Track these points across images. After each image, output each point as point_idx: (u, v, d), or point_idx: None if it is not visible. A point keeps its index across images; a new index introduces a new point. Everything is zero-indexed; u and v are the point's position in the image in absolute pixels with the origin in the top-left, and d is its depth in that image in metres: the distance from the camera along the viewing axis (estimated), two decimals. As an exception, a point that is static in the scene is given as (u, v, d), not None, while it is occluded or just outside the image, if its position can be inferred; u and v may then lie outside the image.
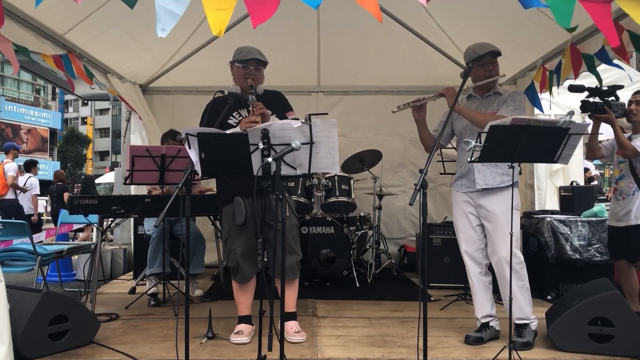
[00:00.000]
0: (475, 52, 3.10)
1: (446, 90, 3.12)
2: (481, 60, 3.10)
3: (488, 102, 3.22)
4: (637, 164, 3.52)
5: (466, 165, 3.18)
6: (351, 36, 5.15)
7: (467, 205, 3.21)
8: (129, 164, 3.83)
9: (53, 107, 43.84)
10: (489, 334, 3.16)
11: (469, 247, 3.21)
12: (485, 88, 3.23)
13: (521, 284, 3.05)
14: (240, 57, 3.21)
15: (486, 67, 3.13)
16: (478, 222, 3.19)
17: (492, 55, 3.10)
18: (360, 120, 6.14)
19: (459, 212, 3.26)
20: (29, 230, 3.86)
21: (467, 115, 3.10)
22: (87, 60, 4.43)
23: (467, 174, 3.21)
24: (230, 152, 2.57)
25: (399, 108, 3.18)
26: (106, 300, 4.33)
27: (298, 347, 3.03)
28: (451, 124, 3.36)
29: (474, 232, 3.20)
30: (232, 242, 3.15)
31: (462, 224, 3.24)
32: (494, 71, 3.15)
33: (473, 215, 3.20)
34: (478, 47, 3.11)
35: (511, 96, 3.17)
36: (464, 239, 3.23)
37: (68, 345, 2.90)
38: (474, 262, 3.21)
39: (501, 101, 3.17)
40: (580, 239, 4.20)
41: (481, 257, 3.20)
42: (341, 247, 4.71)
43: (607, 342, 2.88)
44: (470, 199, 3.20)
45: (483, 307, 3.20)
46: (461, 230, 3.25)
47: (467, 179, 3.20)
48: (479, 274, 3.20)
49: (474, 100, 3.31)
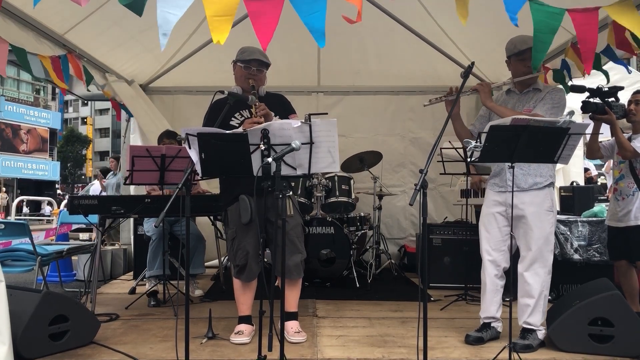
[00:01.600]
0: (516, 47, 3.05)
1: (480, 85, 3.08)
2: (521, 55, 3.04)
3: (526, 98, 3.15)
4: (637, 164, 3.52)
5: (499, 164, 3.14)
6: (351, 36, 5.15)
7: (497, 205, 3.15)
8: (129, 164, 3.83)
9: (53, 107, 43.78)
10: (490, 334, 3.15)
11: (491, 246, 3.15)
12: (525, 84, 3.16)
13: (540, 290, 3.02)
14: (243, 57, 3.20)
15: (525, 63, 3.04)
16: (505, 222, 3.11)
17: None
18: (360, 120, 6.14)
19: (487, 212, 3.20)
20: (29, 230, 3.86)
21: (498, 112, 3.04)
22: (86, 61, 4.43)
23: (499, 173, 3.16)
24: (230, 152, 2.57)
25: (430, 102, 3.11)
26: (106, 300, 4.32)
27: (298, 347, 3.03)
28: (489, 118, 3.25)
29: (499, 233, 3.14)
30: (240, 240, 3.14)
31: (488, 223, 3.17)
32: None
33: (501, 215, 3.13)
34: (519, 41, 3.04)
35: (550, 93, 3.09)
36: (488, 238, 3.17)
37: (68, 345, 2.90)
38: (492, 263, 3.15)
39: (539, 98, 3.10)
40: (580, 239, 4.20)
41: (501, 259, 3.14)
42: (341, 247, 4.70)
43: (607, 342, 2.87)
44: (501, 199, 3.14)
45: (489, 308, 3.18)
46: (486, 229, 3.18)
47: (500, 178, 3.16)
48: (494, 276, 3.15)
49: (513, 96, 3.24)
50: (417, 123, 6.12)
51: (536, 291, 3.01)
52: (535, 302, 3.02)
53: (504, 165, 3.09)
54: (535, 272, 3.01)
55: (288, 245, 2.94)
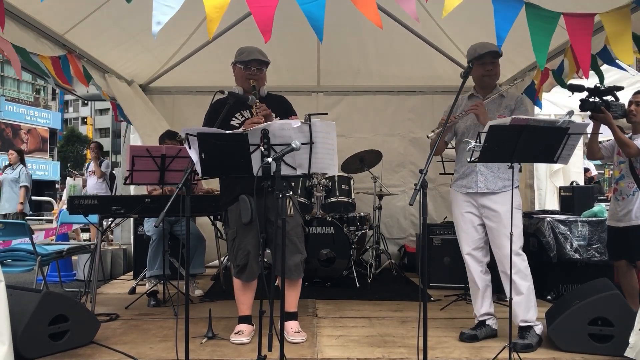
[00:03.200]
0: (476, 51, 3.10)
1: (476, 106, 3.05)
2: (481, 59, 3.10)
3: (495, 106, 3.18)
4: (637, 164, 3.51)
5: (469, 166, 3.17)
6: (351, 36, 5.15)
7: (469, 205, 3.21)
8: (129, 164, 3.83)
9: (53, 107, 43.80)
10: (485, 332, 3.17)
11: (470, 246, 3.21)
12: (487, 88, 3.22)
13: (526, 285, 3.04)
14: (242, 57, 3.20)
15: (486, 67, 3.13)
16: (479, 221, 3.19)
17: (492, 55, 3.10)
18: (360, 120, 6.15)
19: (459, 212, 3.25)
20: (29, 230, 3.86)
21: None
22: (86, 61, 4.43)
23: (469, 175, 3.19)
24: (230, 152, 2.57)
25: (433, 132, 3.05)
26: (106, 300, 4.33)
27: (298, 347, 3.03)
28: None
29: (476, 232, 3.20)
30: (241, 240, 3.14)
31: (463, 223, 3.24)
32: (493, 70, 3.15)
33: (474, 215, 3.20)
34: (479, 46, 3.11)
35: (519, 101, 3.17)
36: (465, 238, 3.23)
37: (68, 345, 2.90)
38: (475, 261, 3.21)
39: (509, 105, 3.16)
40: (580, 239, 4.20)
41: (481, 255, 3.21)
42: (341, 247, 4.70)
43: (607, 342, 2.88)
44: (471, 199, 3.20)
45: (482, 305, 3.21)
46: (462, 230, 3.24)
47: (469, 180, 3.19)
48: (480, 272, 3.20)
49: (476, 100, 3.26)
50: (417, 123, 6.12)
51: (524, 287, 3.03)
52: (526, 298, 3.04)
53: (474, 167, 3.13)
54: (518, 268, 3.02)
55: (288, 246, 2.94)
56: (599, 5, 2.90)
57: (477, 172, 3.13)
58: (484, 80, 3.20)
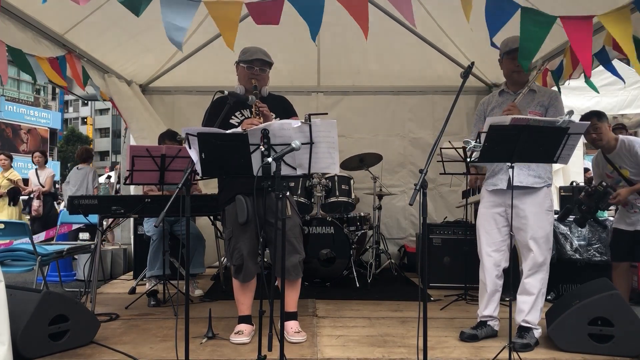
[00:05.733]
0: (508, 45, 3.05)
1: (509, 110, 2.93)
2: (512, 54, 3.03)
3: (525, 102, 3.09)
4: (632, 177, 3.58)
5: (497, 164, 3.13)
6: (351, 36, 5.14)
7: (496, 206, 3.14)
8: (129, 164, 3.83)
9: (53, 107, 43.79)
10: (485, 332, 3.16)
11: (490, 247, 3.15)
12: (518, 84, 3.16)
13: (539, 288, 3.03)
14: (245, 57, 3.21)
15: (516, 62, 3.04)
16: (505, 222, 3.12)
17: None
18: (360, 120, 6.14)
19: (485, 212, 3.19)
20: (29, 230, 3.86)
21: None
22: (86, 61, 4.43)
23: (498, 173, 3.15)
24: (230, 152, 2.57)
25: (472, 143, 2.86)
26: (106, 300, 4.32)
27: (298, 347, 3.03)
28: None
29: (499, 234, 3.14)
30: (237, 240, 3.14)
31: (487, 223, 3.17)
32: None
33: (500, 216, 3.13)
34: (512, 40, 3.03)
35: (554, 98, 3.09)
36: (487, 239, 3.16)
37: (68, 345, 2.90)
38: (492, 264, 3.15)
39: (542, 103, 3.08)
40: (580, 239, 4.20)
41: (501, 259, 3.14)
42: (341, 247, 4.70)
43: (607, 342, 2.87)
44: (498, 198, 3.13)
45: (486, 307, 3.19)
46: (485, 230, 3.17)
47: (498, 178, 3.14)
48: (495, 276, 3.15)
49: (507, 96, 3.21)
50: (417, 123, 6.12)
51: (536, 289, 3.03)
52: (534, 300, 3.03)
53: (502, 165, 3.08)
54: (537, 271, 3.02)
55: (286, 246, 2.93)
56: (599, 5, 2.90)
57: (505, 170, 3.05)
58: (513, 76, 3.14)
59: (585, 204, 3.55)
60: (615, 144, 3.63)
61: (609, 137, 3.64)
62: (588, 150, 6.86)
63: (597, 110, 3.76)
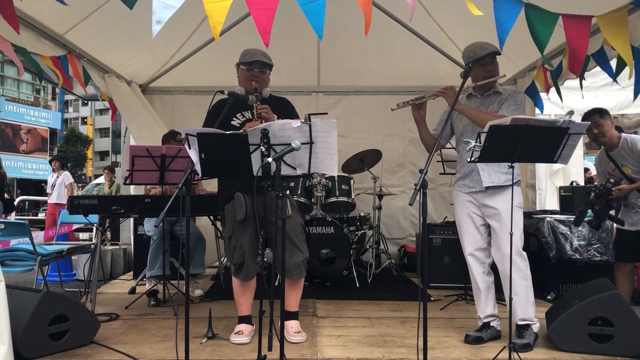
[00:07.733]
0: (476, 53, 3.09)
1: (445, 89, 3.11)
2: (481, 61, 3.09)
3: (488, 102, 3.21)
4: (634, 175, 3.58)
5: (469, 166, 3.17)
6: (351, 36, 5.15)
7: (471, 206, 3.20)
8: (129, 164, 3.83)
9: (53, 107, 43.82)
10: (490, 333, 3.16)
11: (472, 247, 3.20)
12: (485, 87, 3.23)
13: (525, 284, 3.04)
14: (245, 59, 3.20)
15: (486, 68, 3.12)
16: (482, 221, 3.18)
17: (492, 56, 3.10)
18: (360, 120, 6.14)
19: (462, 213, 3.24)
20: (29, 230, 3.86)
21: (468, 114, 3.10)
22: (86, 61, 4.43)
23: (470, 174, 3.19)
24: (230, 152, 2.57)
25: (398, 106, 3.18)
26: (106, 300, 4.32)
27: (298, 347, 3.03)
28: (451, 123, 3.35)
29: (478, 233, 3.19)
30: (237, 238, 3.14)
31: (465, 224, 3.22)
32: (494, 71, 3.15)
33: (477, 215, 3.19)
34: (478, 47, 3.10)
35: (512, 95, 3.16)
36: (468, 239, 3.21)
37: (68, 345, 2.90)
38: (477, 262, 3.19)
39: (502, 100, 3.16)
40: (580, 239, 4.20)
41: (484, 256, 3.20)
42: (341, 247, 4.71)
43: (607, 342, 2.87)
44: (473, 199, 3.18)
45: (485, 307, 3.19)
46: (465, 231, 3.23)
47: (470, 179, 3.19)
48: (482, 273, 3.19)
49: (474, 100, 3.30)
50: (417, 123, 6.11)
51: (521, 286, 3.03)
52: (524, 297, 3.04)
53: (473, 166, 3.12)
54: (518, 268, 3.01)
55: (287, 245, 2.93)
56: (599, 5, 2.91)
57: (479, 170, 3.11)
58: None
59: (598, 204, 3.54)
60: (618, 142, 3.63)
61: (612, 134, 3.64)
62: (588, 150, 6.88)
63: (599, 107, 3.76)
